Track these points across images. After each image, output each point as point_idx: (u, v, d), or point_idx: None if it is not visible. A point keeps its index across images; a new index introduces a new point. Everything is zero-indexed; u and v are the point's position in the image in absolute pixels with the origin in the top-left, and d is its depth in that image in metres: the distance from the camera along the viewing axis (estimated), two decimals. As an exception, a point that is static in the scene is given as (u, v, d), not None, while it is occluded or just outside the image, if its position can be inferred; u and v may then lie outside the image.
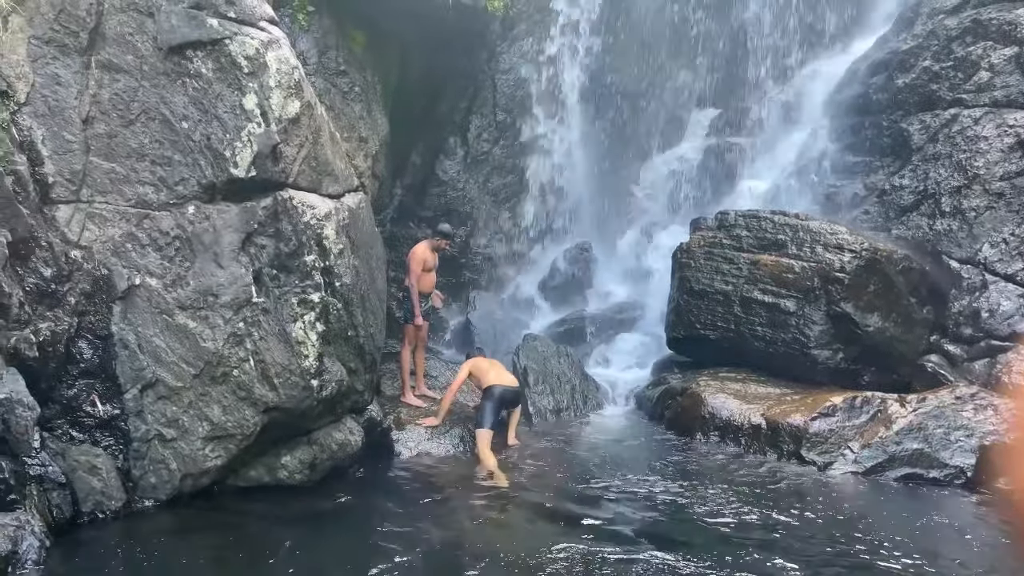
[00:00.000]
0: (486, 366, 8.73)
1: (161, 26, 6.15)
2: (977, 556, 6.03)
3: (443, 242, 9.21)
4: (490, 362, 8.93)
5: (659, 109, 14.53)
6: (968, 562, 5.86)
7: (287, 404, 6.34)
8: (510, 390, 8.49)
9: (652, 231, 13.62)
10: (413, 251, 9.11)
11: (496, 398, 8.30)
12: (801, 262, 9.84)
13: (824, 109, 12.72)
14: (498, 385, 8.38)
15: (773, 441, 8.49)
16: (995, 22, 10.45)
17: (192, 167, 6.23)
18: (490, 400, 8.26)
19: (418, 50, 11.53)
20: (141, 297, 6.12)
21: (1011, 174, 9.90)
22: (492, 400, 8.26)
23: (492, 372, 8.59)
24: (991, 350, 9.46)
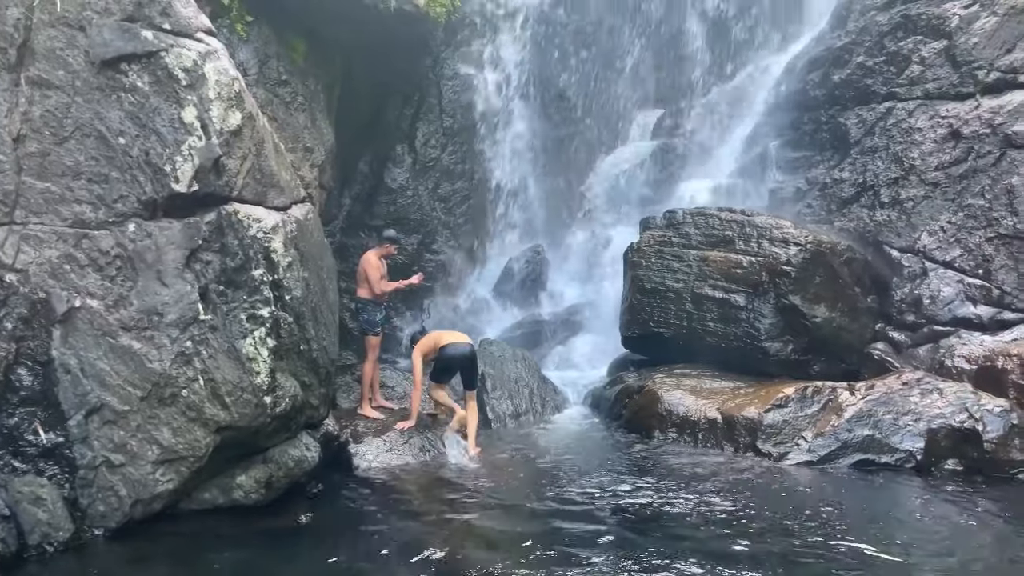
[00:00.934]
0: (436, 334, 8.92)
1: (93, 40, 5.98)
2: (930, 537, 6.18)
3: (391, 248, 9.16)
4: (439, 332, 9.10)
5: (604, 111, 14.65)
6: (921, 543, 6.01)
7: (240, 423, 6.21)
8: (460, 347, 8.64)
9: (602, 232, 13.71)
10: (367, 260, 9.01)
11: (447, 358, 8.55)
12: (749, 257, 10.01)
13: (764, 106, 12.96)
14: (450, 344, 8.60)
15: (729, 435, 8.60)
16: (924, 17, 10.77)
17: (131, 184, 6.06)
18: (441, 360, 8.59)
19: (361, 58, 11.41)
20: (82, 319, 5.93)
21: (945, 164, 10.21)
22: (443, 360, 8.59)
23: (445, 335, 8.84)
24: (934, 335, 9.73)
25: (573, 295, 13.19)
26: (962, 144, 10.10)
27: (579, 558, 5.61)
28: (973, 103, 10.16)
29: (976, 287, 9.65)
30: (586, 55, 14.60)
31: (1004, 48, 10.06)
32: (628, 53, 14.73)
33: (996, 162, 9.80)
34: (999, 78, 10.05)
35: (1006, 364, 8.47)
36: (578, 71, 14.55)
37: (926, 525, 6.49)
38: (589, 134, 14.60)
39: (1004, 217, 9.60)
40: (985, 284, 9.60)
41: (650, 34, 14.71)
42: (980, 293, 9.61)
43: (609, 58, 14.73)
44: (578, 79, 14.57)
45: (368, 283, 8.94)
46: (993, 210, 9.70)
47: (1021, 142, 9.62)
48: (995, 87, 10.07)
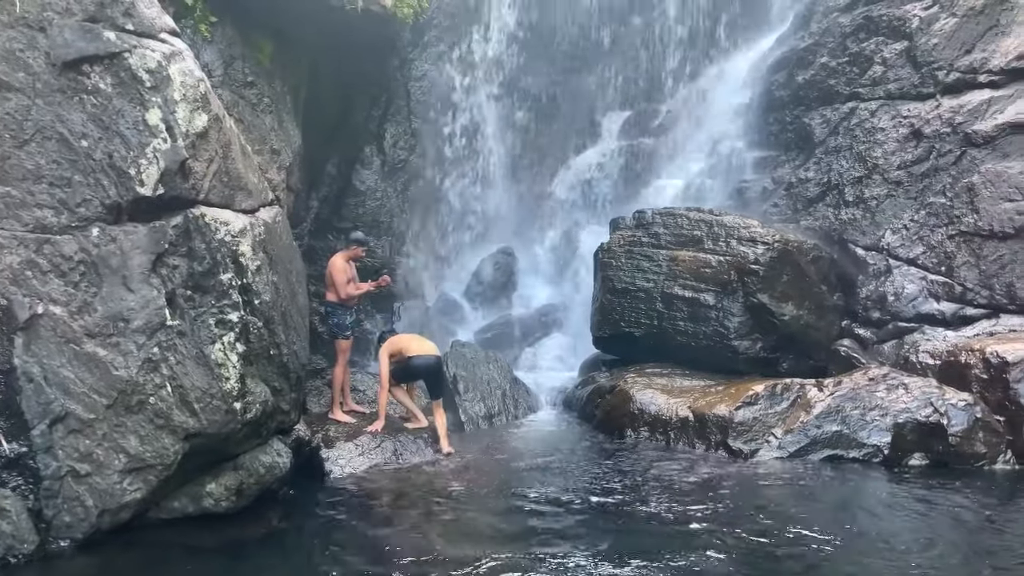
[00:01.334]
0: (405, 341, 8.94)
1: (54, 41, 5.84)
2: (899, 529, 6.29)
3: (358, 250, 9.08)
4: (410, 336, 9.16)
5: (573, 112, 14.69)
6: (890, 535, 6.10)
7: (209, 429, 6.10)
8: (426, 359, 8.74)
9: (572, 232, 13.75)
10: (333, 264, 8.93)
11: (413, 368, 8.73)
12: (718, 256, 10.10)
13: (730, 107, 13.09)
14: (417, 356, 8.69)
15: (701, 432, 8.66)
16: (885, 18, 10.96)
17: (94, 187, 5.93)
18: (408, 369, 8.74)
19: (328, 59, 11.31)
20: (45, 327, 5.79)
21: (907, 163, 10.40)
22: (410, 369, 8.75)
23: (413, 344, 8.87)
24: (898, 332, 9.90)
25: (544, 296, 13.22)
26: (923, 143, 10.30)
27: (553, 559, 5.61)
28: (934, 103, 10.37)
29: (939, 284, 9.85)
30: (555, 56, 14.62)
31: (963, 49, 10.28)
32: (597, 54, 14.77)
33: (956, 161, 10.00)
34: (959, 78, 10.26)
35: (969, 359, 8.64)
36: (547, 72, 14.57)
37: (898, 519, 6.59)
38: (558, 135, 14.63)
39: (965, 215, 9.80)
40: (947, 281, 9.79)
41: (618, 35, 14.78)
42: (943, 290, 9.80)
43: (578, 59, 14.78)
44: (547, 80, 14.59)
45: (335, 287, 8.86)
46: (954, 208, 9.90)
47: (980, 141, 9.84)
48: (955, 87, 10.28)
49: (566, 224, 14.00)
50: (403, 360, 8.72)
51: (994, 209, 9.60)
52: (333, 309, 8.96)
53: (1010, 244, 9.49)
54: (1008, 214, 9.52)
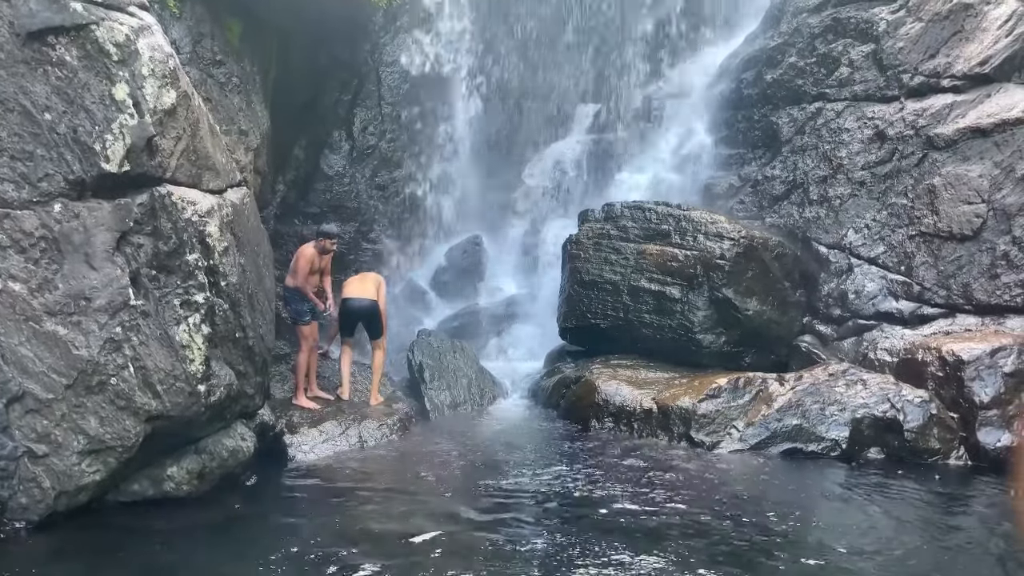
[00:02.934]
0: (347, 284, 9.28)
1: (18, 10, 5.67)
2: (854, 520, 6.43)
3: (328, 242, 8.99)
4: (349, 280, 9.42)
5: (544, 104, 14.69)
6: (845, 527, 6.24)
7: (172, 412, 6.01)
8: (356, 301, 9.06)
9: (540, 224, 13.77)
10: (301, 252, 8.84)
11: (344, 310, 9.10)
12: (684, 251, 10.20)
13: (699, 104, 13.21)
14: (349, 298, 9.07)
15: (664, 424, 8.76)
16: (853, 20, 11.14)
17: (57, 162, 5.78)
18: (342, 312, 9.14)
19: (298, 41, 11.17)
20: (3, 304, 5.63)
21: (871, 164, 10.60)
22: (343, 311, 9.13)
23: (349, 287, 9.23)
24: (858, 329, 10.11)
25: (511, 286, 13.23)
26: (887, 145, 10.50)
27: (513, 547, 5.64)
28: (898, 105, 10.57)
29: (898, 283, 10.07)
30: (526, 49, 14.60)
31: (928, 53, 10.49)
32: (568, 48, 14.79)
33: (919, 163, 10.22)
34: (923, 82, 10.48)
35: (926, 357, 8.85)
36: (517, 65, 14.55)
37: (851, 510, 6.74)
38: (528, 127, 14.63)
39: (925, 216, 10.02)
40: (907, 280, 10.01)
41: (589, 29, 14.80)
42: (902, 289, 10.02)
43: (548, 52, 14.77)
44: (517, 72, 14.57)
45: (296, 274, 8.78)
46: (915, 209, 10.12)
47: (942, 144, 10.06)
48: (919, 91, 10.50)
49: (534, 215, 14.02)
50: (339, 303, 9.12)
51: (953, 211, 9.84)
52: (291, 295, 8.87)
53: (967, 246, 9.73)
54: (967, 216, 9.76)
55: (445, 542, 5.67)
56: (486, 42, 14.21)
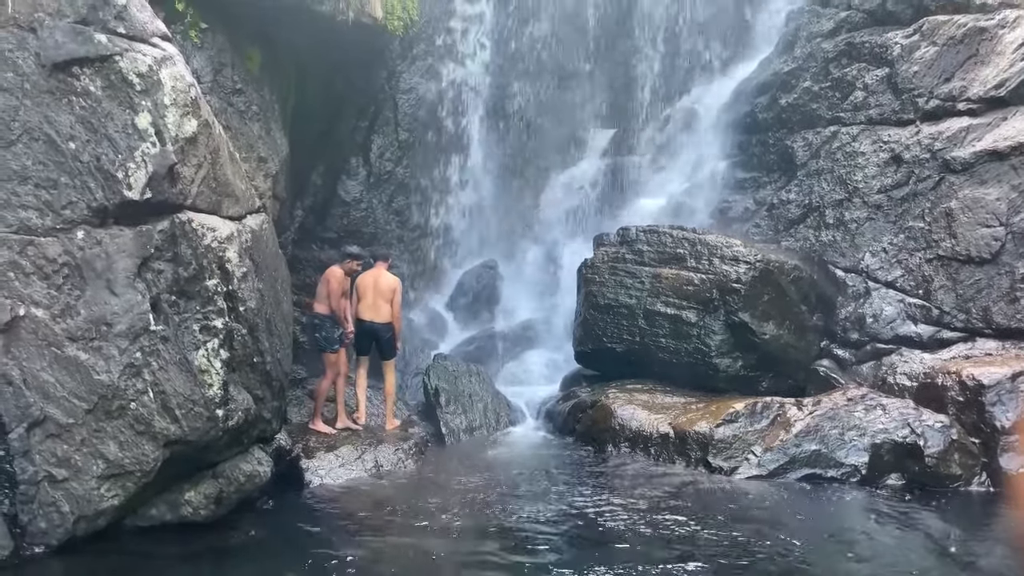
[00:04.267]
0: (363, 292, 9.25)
1: (45, 42, 5.81)
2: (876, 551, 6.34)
3: (354, 263, 9.07)
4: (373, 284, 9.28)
5: (559, 129, 14.78)
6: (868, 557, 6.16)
7: (190, 436, 6.05)
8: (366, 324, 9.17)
9: (556, 248, 13.80)
10: (331, 275, 8.87)
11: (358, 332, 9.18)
12: (700, 274, 10.19)
13: (714, 128, 13.24)
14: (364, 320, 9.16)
15: (681, 449, 8.70)
16: (867, 45, 11.17)
17: (81, 190, 5.89)
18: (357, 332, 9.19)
19: (316, 69, 11.32)
20: (26, 329, 5.72)
21: (887, 187, 10.57)
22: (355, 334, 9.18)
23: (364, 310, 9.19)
24: (877, 353, 10.02)
25: (527, 310, 13.23)
26: (903, 168, 10.48)
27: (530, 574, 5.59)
28: (914, 129, 10.56)
29: (916, 306, 9.99)
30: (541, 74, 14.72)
31: (943, 77, 10.49)
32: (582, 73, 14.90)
33: (935, 186, 10.18)
34: (938, 105, 10.46)
35: (945, 381, 8.76)
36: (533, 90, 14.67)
37: (873, 540, 6.65)
38: (543, 152, 14.71)
39: (943, 239, 9.96)
40: (925, 304, 9.94)
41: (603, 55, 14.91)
42: (920, 312, 9.94)
43: (563, 78, 14.88)
44: (533, 98, 14.68)
45: (329, 298, 8.79)
46: (932, 232, 10.06)
47: (959, 167, 10.01)
48: (934, 114, 10.48)
49: (550, 239, 14.05)
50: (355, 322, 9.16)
51: (971, 234, 9.78)
52: (322, 321, 8.87)
53: (986, 269, 9.66)
54: (985, 239, 9.70)
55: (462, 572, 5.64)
56: (502, 68, 14.34)
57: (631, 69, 14.95)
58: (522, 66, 14.59)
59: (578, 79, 14.95)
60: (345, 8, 9.74)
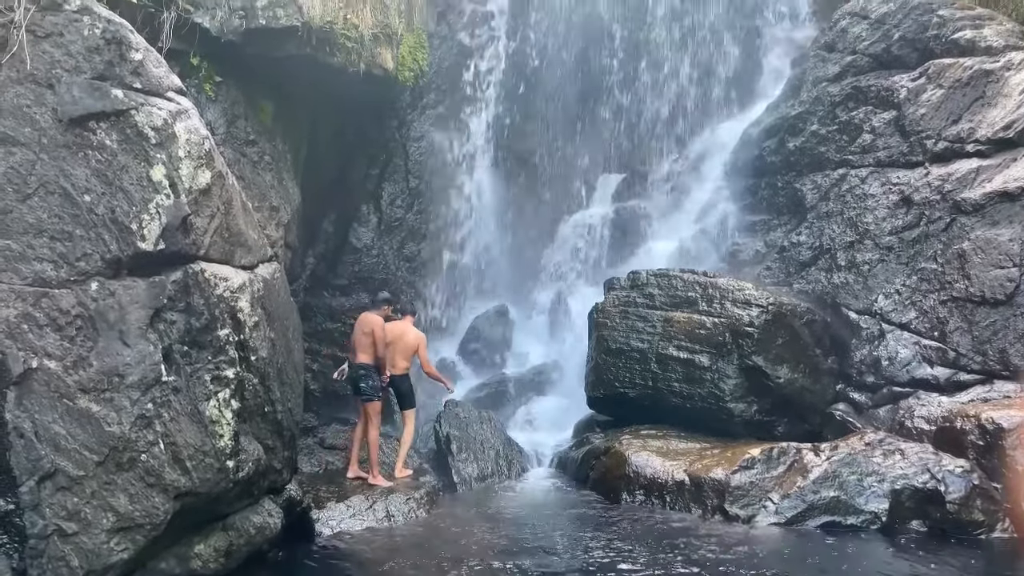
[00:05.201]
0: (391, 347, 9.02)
1: (62, 97, 5.93)
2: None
3: (388, 309, 9.10)
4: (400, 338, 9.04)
5: (568, 174, 14.89)
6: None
7: (201, 488, 6.00)
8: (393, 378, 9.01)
9: (566, 292, 13.79)
10: (374, 322, 8.77)
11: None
12: (712, 318, 10.14)
13: (722, 172, 13.30)
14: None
15: (697, 497, 8.55)
16: (874, 88, 11.26)
17: (95, 242, 5.94)
18: None
19: (328, 119, 11.51)
20: (39, 381, 5.72)
21: (898, 229, 10.54)
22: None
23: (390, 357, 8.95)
24: (893, 396, 9.89)
25: (538, 355, 13.17)
26: (913, 210, 10.46)
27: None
28: (923, 171, 10.57)
29: (932, 349, 9.88)
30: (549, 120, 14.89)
31: (950, 119, 10.53)
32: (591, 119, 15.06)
33: (947, 227, 10.14)
34: (947, 147, 10.48)
35: (964, 425, 8.61)
36: (542, 136, 14.82)
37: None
38: (553, 197, 14.80)
39: (956, 281, 9.89)
40: (941, 346, 9.83)
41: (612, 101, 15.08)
42: (936, 355, 9.83)
43: (573, 123, 15.04)
44: (542, 143, 14.83)
45: (376, 346, 8.70)
46: (946, 274, 10.00)
47: (970, 209, 9.99)
48: (943, 156, 10.49)
49: (560, 284, 14.05)
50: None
51: (985, 276, 9.71)
52: (368, 371, 8.77)
53: (1001, 310, 9.56)
54: (999, 280, 9.62)
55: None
56: (512, 115, 14.51)
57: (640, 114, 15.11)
58: (532, 112, 14.76)
59: (587, 124, 15.10)
60: (356, 60, 9.92)
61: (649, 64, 14.72)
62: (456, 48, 13.96)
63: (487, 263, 14.11)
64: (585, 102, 15.03)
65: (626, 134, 15.07)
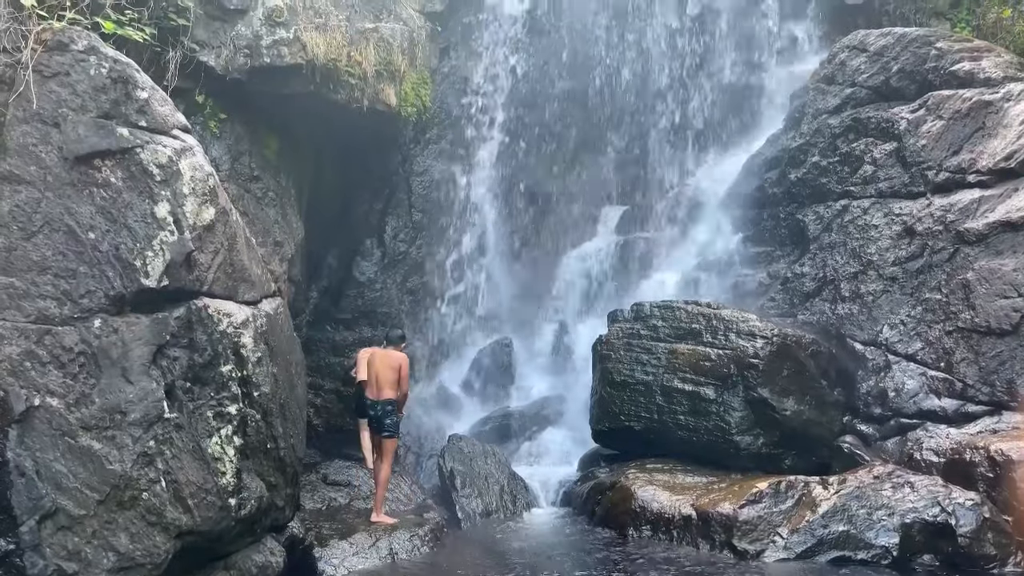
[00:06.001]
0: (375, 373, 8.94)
1: (68, 136, 5.98)
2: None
3: (404, 346, 9.30)
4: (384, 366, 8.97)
5: (571, 206, 14.94)
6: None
7: (203, 527, 5.94)
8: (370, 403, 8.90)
9: (570, 324, 13.77)
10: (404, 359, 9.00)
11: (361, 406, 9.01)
12: (717, 350, 10.09)
13: (725, 203, 13.33)
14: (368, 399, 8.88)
15: (705, 532, 8.44)
16: (873, 120, 11.31)
17: (99, 279, 5.95)
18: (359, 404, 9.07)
19: (332, 154, 11.59)
20: (40, 419, 5.69)
21: (902, 259, 10.53)
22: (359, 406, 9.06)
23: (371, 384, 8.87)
24: (901, 428, 9.80)
25: (542, 388, 13.10)
26: (917, 240, 10.46)
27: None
28: (925, 201, 10.58)
29: (939, 380, 9.81)
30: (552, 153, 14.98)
31: (951, 150, 10.56)
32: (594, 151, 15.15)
33: (950, 258, 10.13)
34: (948, 178, 10.50)
35: (974, 457, 8.52)
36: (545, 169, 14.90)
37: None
38: (556, 229, 14.84)
39: (961, 311, 9.85)
40: (948, 377, 9.76)
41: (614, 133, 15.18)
42: (943, 386, 9.76)
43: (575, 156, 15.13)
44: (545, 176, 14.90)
45: (402, 382, 8.88)
46: (951, 304, 9.96)
47: (973, 239, 9.98)
48: (945, 186, 10.50)
49: (564, 316, 14.03)
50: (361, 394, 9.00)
51: (990, 306, 9.67)
52: (393, 407, 8.88)
53: (1008, 341, 9.51)
54: (1004, 311, 9.58)
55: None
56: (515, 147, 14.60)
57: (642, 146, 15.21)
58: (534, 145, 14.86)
59: (590, 157, 15.19)
60: (360, 96, 10.02)
61: (651, 96, 14.85)
62: (459, 83, 14.10)
63: (490, 295, 14.10)
64: (588, 135, 15.13)
65: (629, 166, 15.16)
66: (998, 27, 12.11)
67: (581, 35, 14.96)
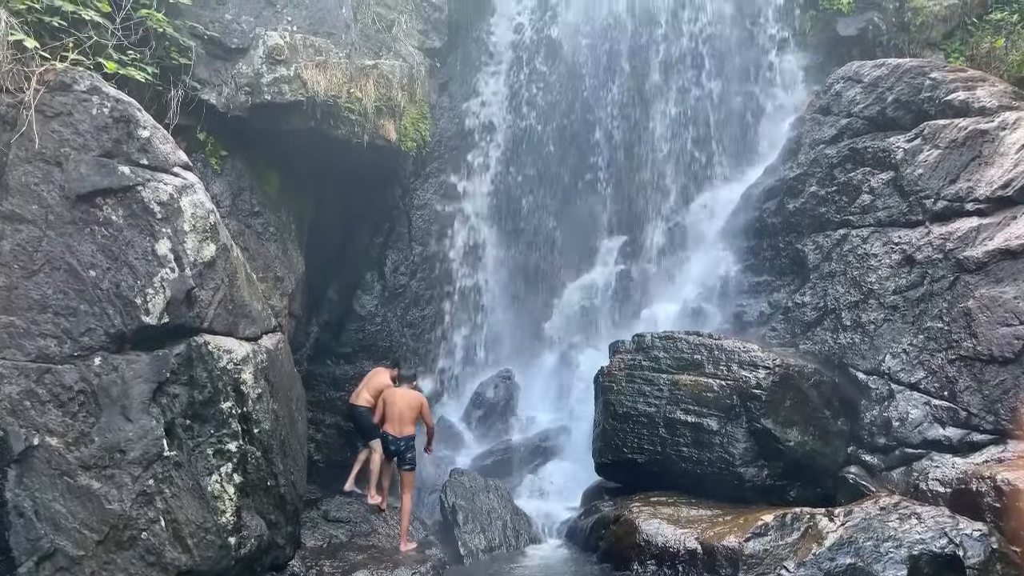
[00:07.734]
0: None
1: (69, 175, 6.03)
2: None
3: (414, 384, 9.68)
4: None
5: (571, 237, 14.98)
6: None
7: (202, 566, 5.88)
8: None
9: (571, 356, 13.71)
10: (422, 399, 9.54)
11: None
12: (719, 380, 10.05)
13: (724, 233, 13.37)
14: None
15: (711, 566, 8.33)
16: (870, 150, 11.38)
17: (99, 316, 5.96)
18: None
19: (333, 189, 11.65)
20: (40, 459, 5.67)
21: (902, 288, 10.52)
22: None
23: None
24: (906, 458, 9.72)
25: (544, 420, 13.02)
26: (917, 269, 10.46)
27: None
28: (924, 230, 10.60)
29: (943, 409, 9.75)
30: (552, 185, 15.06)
31: (948, 178, 10.61)
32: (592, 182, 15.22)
33: (951, 286, 10.12)
34: (946, 206, 10.53)
35: (980, 487, 8.44)
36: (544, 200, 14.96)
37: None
38: (556, 260, 14.87)
39: (963, 339, 9.82)
40: (952, 406, 9.70)
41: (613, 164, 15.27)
42: (948, 415, 9.70)
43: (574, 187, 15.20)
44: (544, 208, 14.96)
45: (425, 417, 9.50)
46: (952, 332, 9.94)
47: (973, 267, 9.98)
48: (943, 215, 10.53)
49: (565, 348, 13.99)
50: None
51: (992, 334, 9.64)
52: (413, 443, 9.22)
53: (1011, 369, 9.46)
54: (1006, 339, 9.55)
55: None
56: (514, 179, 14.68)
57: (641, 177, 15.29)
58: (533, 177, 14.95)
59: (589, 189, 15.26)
60: (360, 132, 10.09)
61: (648, 129, 14.95)
62: (458, 118, 14.22)
63: (491, 328, 14.08)
64: (586, 167, 15.22)
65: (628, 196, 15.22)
66: (991, 57, 12.23)
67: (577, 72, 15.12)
